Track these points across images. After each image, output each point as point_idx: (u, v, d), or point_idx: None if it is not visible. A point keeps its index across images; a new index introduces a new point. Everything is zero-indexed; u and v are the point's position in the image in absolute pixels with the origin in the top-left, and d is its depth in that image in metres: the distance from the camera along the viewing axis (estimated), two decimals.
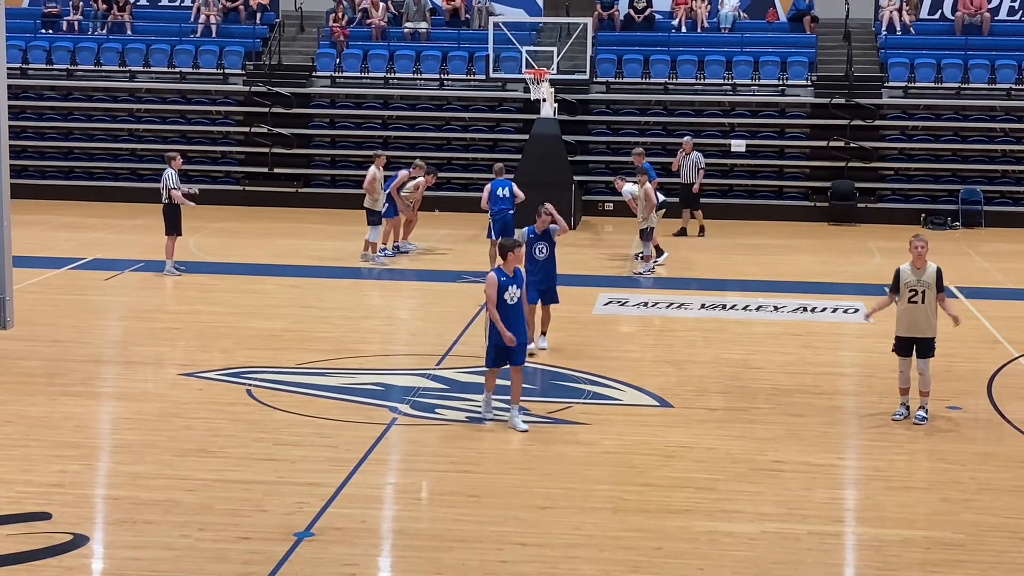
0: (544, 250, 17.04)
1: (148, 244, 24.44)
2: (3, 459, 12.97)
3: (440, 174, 28.29)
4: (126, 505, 11.94)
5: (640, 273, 23.88)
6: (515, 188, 23.27)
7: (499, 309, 14.01)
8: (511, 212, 23.02)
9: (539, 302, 17.20)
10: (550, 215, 17.15)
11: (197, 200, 23.37)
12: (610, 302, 21.44)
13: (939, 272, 14.59)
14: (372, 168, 24.68)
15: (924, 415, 14.62)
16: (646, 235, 23.84)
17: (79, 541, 11.09)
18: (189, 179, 32.50)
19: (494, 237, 22.22)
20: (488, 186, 23.35)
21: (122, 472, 13.01)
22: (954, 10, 33.79)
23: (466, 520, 11.49)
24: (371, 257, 24.48)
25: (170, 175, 22.67)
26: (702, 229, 29.02)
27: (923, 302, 14.60)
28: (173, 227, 22.66)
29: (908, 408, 14.74)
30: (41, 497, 11.91)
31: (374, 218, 24.63)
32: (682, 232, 28.73)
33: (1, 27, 7.13)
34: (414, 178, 24.99)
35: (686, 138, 29.11)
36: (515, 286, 14.11)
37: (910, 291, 14.55)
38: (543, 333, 17.60)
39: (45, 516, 11.47)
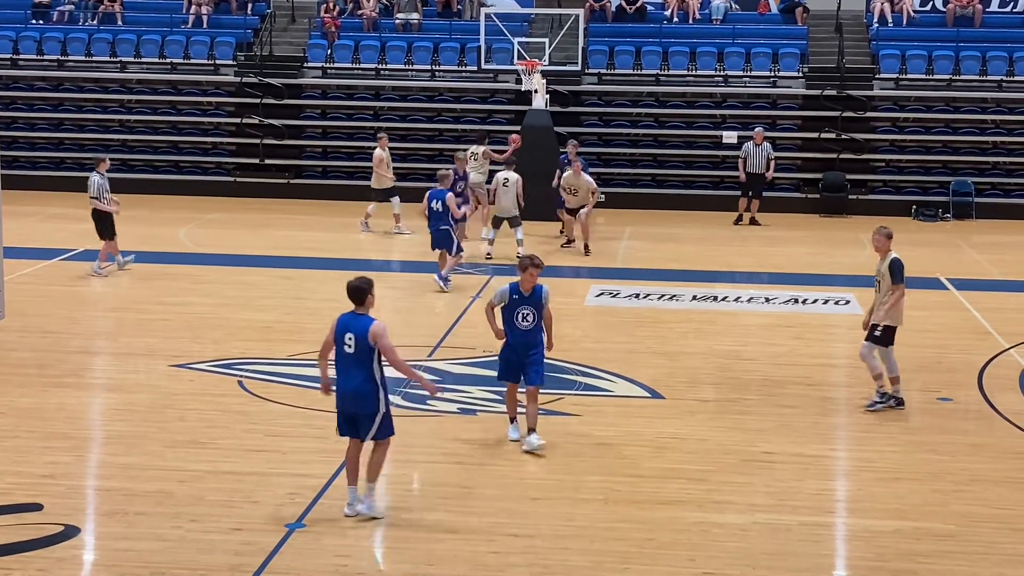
0: (530, 318, 13.01)
1: (139, 235, 24.36)
2: None
3: (431, 165, 28.35)
4: (117, 496, 11.95)
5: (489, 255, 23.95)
6: (451, 201, 21.41)
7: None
8: (444, 228, 21.45)
9: (520, 380, 13.28)
10: (537, 268, 12.99)
11: (118, 212, 22.12)
12: (602, 293, 21.47)
13: (893, 264, 14.64)
14: (377, 149, 26.26)
15: (876, 400, 14.88)
16: (516, 223, 24.16)
17: (70, 532, 11.08)
18: (180, 170, 32.66)
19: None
20: (426, 196, 21.79)
21: (113, 463, 13.04)
22: (945, 2, 33.79)
23: (457, 511, 11.51)
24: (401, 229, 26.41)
25: (95, 182, 21.72)
26: (754, 220, 29.40)
27: (878, 291, 14.82)
28: (105, 232, 21.86)
29: (883, 394, 14.86)
30: (32, 488, 11.92)
31: (378, 195, 26.68)
32: (739, 220, 29.36)
33: None
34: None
35: (757, 129, 29.30)
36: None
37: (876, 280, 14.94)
38: (531, 429, 13.15)
39: (36, 507, 11.46)
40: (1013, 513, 11.82)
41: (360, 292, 11.30)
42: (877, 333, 14.62)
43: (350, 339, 11.06)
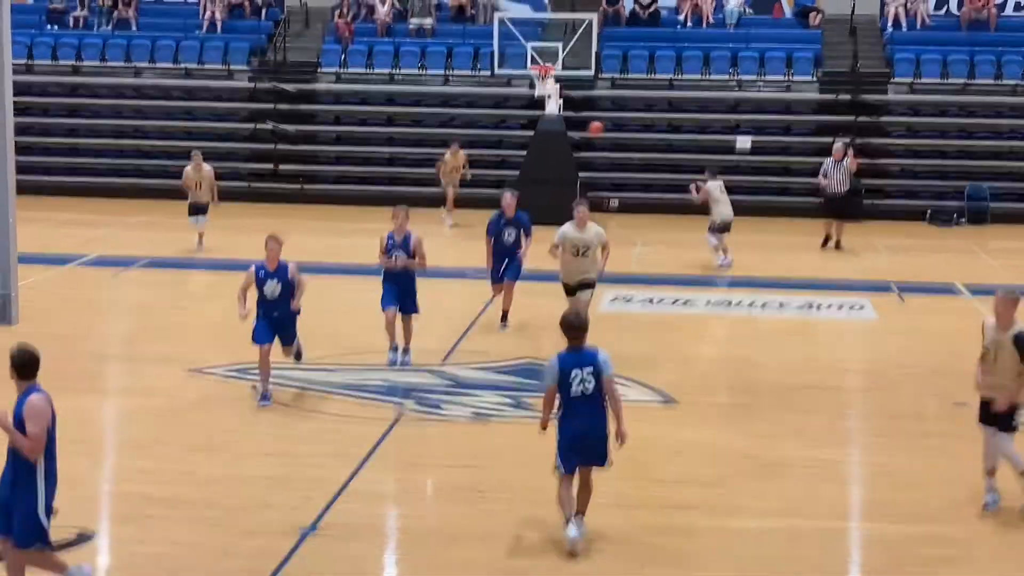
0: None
1: (154, 241, 24.48)
2: None
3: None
4: (133, 501, 12.00)
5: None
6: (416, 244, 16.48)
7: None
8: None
9: None
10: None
11: None
12: (616, 299, 21.49)
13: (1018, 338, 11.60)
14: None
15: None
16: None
17: (86, 537, 11.12)
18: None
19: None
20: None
21: (129, 467, 13.11)
22: (960, 5, 33.79)
23: (472, 516, 11.52)
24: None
25: None
26: (838, 243, 27.12)
27: (986, 362, 11.99)
28: None
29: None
30: None
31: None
32: (825, 243, 27.25)
33: (6, 23, 7.14)
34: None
35: (837, 144, 27.90)
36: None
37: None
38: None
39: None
40: None
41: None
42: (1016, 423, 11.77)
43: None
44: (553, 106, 30.20)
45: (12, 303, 7.57)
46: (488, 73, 32.68)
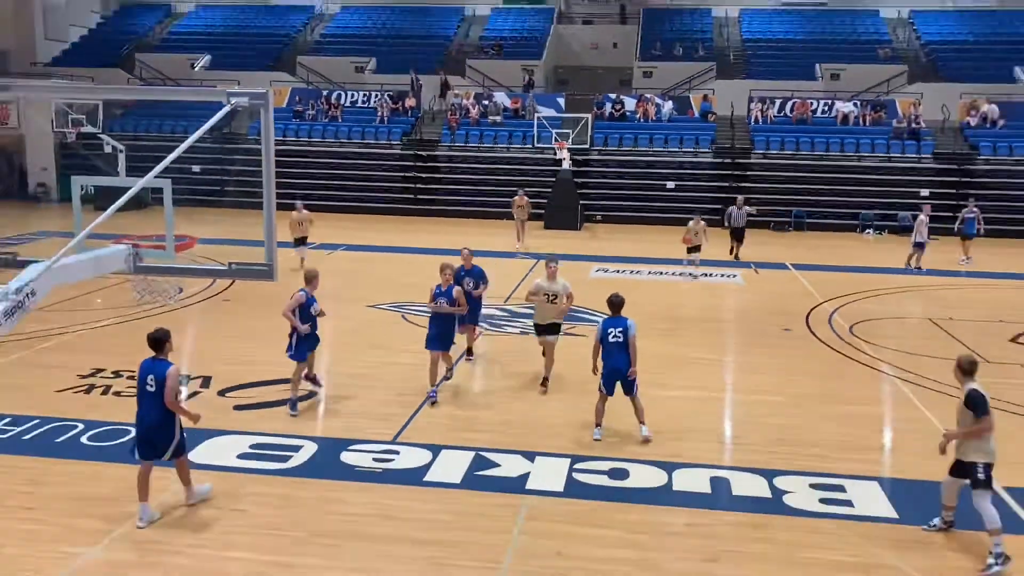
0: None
1: (351, 236, 24.04)
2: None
3: (507, 200, 28.19)
4: (333, 376, 11.92)
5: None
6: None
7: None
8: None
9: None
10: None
11: None
12: (599, 270, 21.36)
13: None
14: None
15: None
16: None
17: (314, 393, 11.02)
18: (371, 201, 32.64)
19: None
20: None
21: (327, 358, 12.84)
22: (792, 109, 33.32)
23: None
24: None
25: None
26: (737, 256, 23.50)
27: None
28: None
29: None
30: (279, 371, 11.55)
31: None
32: (731, 251, 23.63)
33: (270, 117, 7.24)
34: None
35: (739, 198, 24.36)
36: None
37: None
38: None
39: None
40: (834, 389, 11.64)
41: (159, 342, 7.63)
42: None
43: (151, 380, 7.51)
44: (566, 164, 30.03)
45: (275, 268, 7.77)
46: (531, 146, 32.47)
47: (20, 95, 35.37)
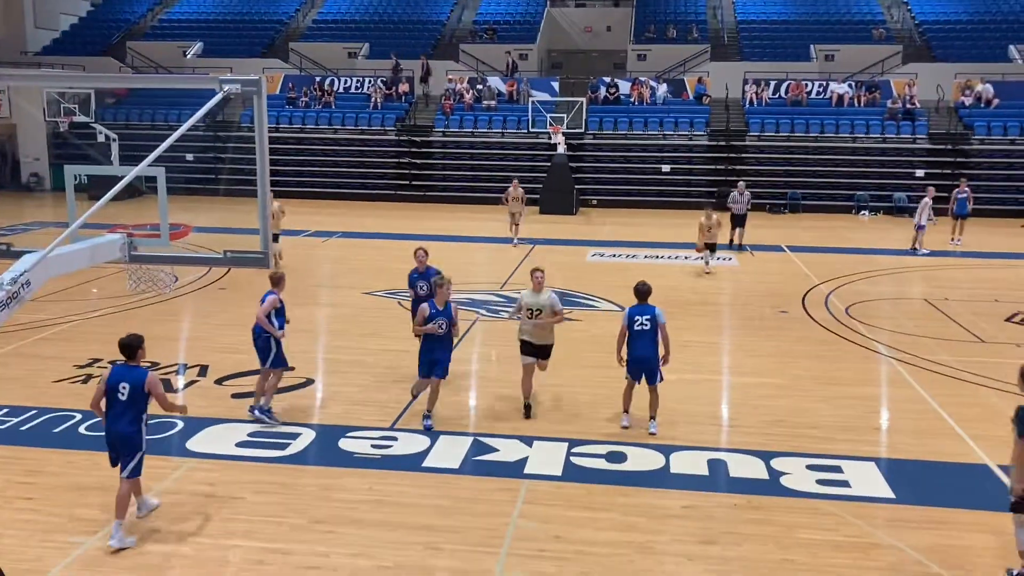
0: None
1: (341, 222, 24.04)
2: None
3: (502, 184, 28.11)
4: (330, 362, 11.92)
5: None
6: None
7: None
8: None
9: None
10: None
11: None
12: (595, 254, 21.36)
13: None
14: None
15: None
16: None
17: (310, 381, 10.96)
18: (364, 188, 32.63)
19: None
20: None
21: (328, 344, 12.92)
22: (787, 91, 33.20)
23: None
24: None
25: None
26: (740, 245, 22.18)
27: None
28: None
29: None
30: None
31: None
32: (731, 242, 22.19)
33: (264, 105, 7.17)
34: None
35: (740, 183, 23.00)
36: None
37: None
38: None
39: (291, 369, 10.53)
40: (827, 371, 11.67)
41: (132, 348, 7.15)
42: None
43: (124, 388, 7.02)
44: (561, 149, 29.93)
45: (269, 256, 7.74)
46: (526, 131, 32.35)
47: (11, 84, 35.04)
